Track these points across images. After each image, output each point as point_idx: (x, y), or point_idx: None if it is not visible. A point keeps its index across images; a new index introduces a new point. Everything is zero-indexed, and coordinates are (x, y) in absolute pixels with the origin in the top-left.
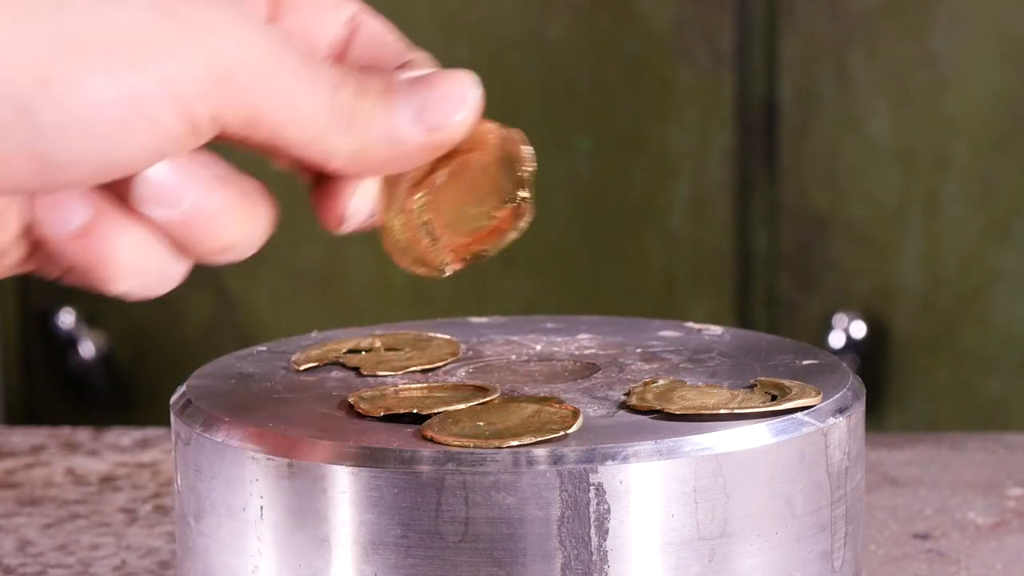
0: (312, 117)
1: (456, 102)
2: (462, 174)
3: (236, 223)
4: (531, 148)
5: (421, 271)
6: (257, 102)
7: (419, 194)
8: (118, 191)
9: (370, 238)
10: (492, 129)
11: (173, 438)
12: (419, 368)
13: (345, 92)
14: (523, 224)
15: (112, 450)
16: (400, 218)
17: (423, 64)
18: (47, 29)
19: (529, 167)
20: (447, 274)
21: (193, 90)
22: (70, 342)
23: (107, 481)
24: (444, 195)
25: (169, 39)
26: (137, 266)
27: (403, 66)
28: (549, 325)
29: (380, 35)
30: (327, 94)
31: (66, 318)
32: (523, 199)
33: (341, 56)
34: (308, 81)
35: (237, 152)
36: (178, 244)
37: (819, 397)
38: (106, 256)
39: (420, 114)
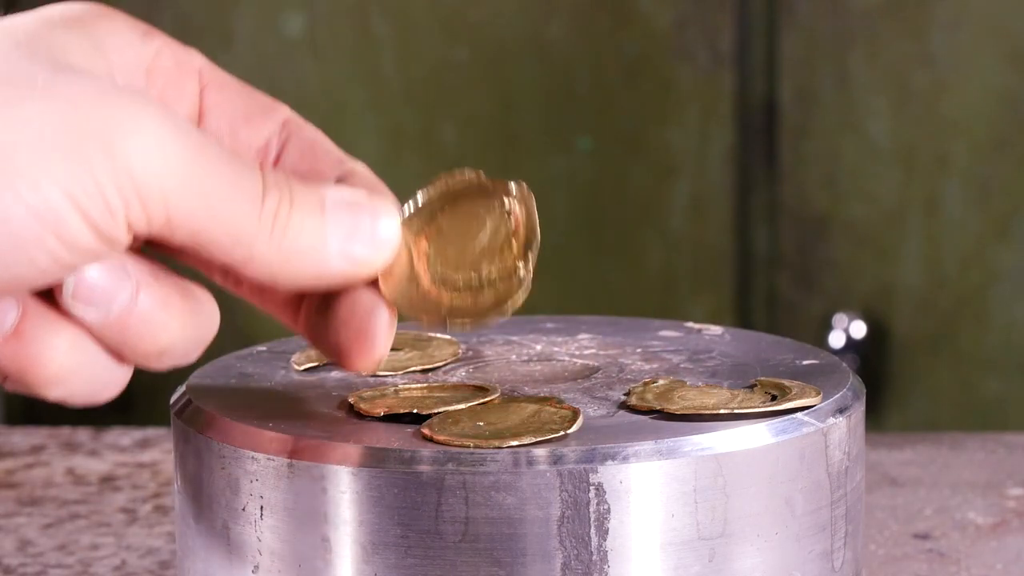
0: (235, 218)
1: (381, 241)
2: (445, 238)
3: (173, 324)
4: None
5: (507, 304)
6: (173, 205)
7: (425, 280)
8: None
9: None
10: (425, 206)
11: (173, 438)
12: (419, 368)
13: (274, 198)
14: (530, 199)
15: (112, 450)
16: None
17: (361, 177)
18: None
19: (454, 176)
20: (524, 287)
21: (102, 201)
22: None
23: (107, 481)
24: (451, 255)
25: (76, 147)
26: (73, 370)
27: (342, 177)
28: (549, 325)
29: (316, 143)
30: (253, 196)
31: None
32: (508, 186)
33: (274, 163)
34: (231, 182)
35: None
36: (112, 346)
37: (819, 397)
38: (39, 359)
39: (345, 243)
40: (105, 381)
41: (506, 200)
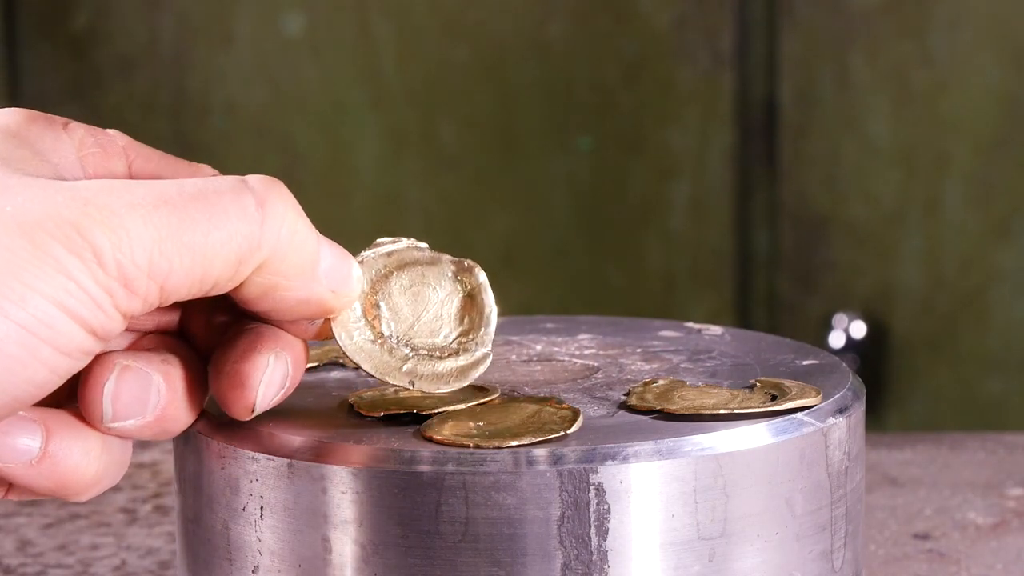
0: (232, 238)
1: (356, 279)
2: (396, 300)
3: (201, 399)
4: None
5: (471, 375)
6: (161, 273)
7: (378, 336)
8: (59, 401)
9: (371, 240)
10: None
11: (173, 438)
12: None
13: (249, 196)
14: (482, 275)
15: None
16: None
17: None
18: None
19: (399, 242)
20: (487, 362)
21: (87, 298)
22: None
23: None
24: (406, 318)
25: (46, 253)
26: (108, 468)
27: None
28: (549, 325)
29: (154, 153)
30: (240, 208)
31: None
32: (462, 263)
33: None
34: (206, 210)
35: None
36: (149, 438)
37: (819, 397)
38: (76, 472)
39: (329, 268)
40: (123, 466)
41: (459, 275)
